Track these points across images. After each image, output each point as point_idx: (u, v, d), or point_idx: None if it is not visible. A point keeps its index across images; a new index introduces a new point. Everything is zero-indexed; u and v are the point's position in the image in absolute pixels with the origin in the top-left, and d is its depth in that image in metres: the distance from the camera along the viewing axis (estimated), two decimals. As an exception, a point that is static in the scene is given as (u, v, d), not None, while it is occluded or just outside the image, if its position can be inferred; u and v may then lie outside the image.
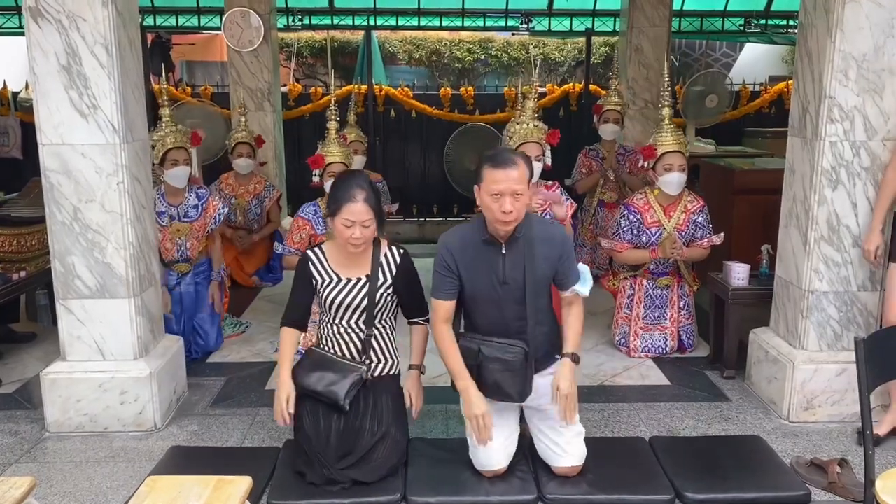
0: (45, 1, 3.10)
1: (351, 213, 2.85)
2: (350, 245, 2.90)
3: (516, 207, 2.65)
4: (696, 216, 4.25)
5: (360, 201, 2.86)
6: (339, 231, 2.90)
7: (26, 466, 3.13)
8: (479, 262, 2.79)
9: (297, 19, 8.25)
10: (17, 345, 4.49)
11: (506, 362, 2.78)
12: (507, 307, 2.82)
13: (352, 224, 2.86)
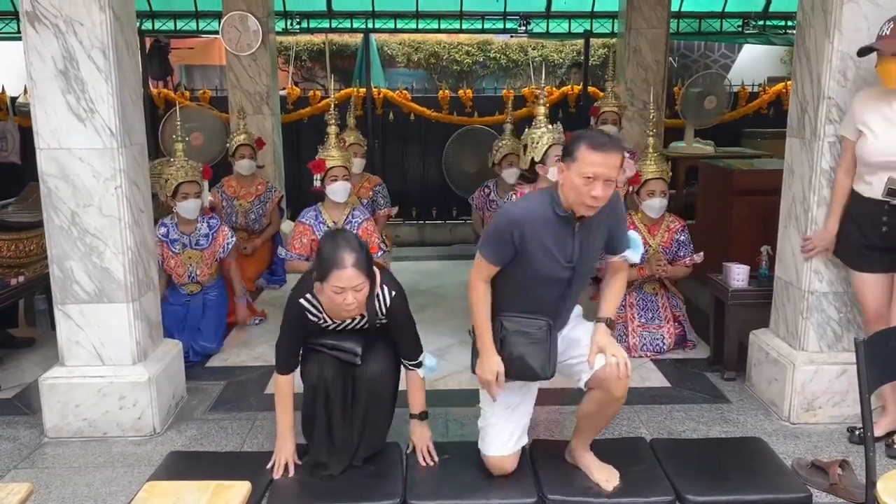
0: (43, 5, 3.10)
1: (340, 279, 2.69)
2: (344, 311, 2.78)
3: (606, 195, 2.55)
4: (679, 235, 4.48)
5: (349, 266, 2.68)
6: (329, 297, 2.75)
7: (25, 472, 3.12)
8: (547, 238, 2.64)
9: (295, 23, 8.25)
10: (15, 350, 4.48)
11: (529, 335, 2.72)
12: (557, 285, 2.72)
13: (342, 290, 2.71)
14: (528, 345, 2.72)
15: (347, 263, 2.68)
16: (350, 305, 2.74)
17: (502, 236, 2.65)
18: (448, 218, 8.16)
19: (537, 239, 2.63)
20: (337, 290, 2.71)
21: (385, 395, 3.07)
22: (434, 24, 8.53)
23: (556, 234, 2.64)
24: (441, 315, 5.16)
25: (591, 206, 2.56)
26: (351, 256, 2.70)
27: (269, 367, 4.18)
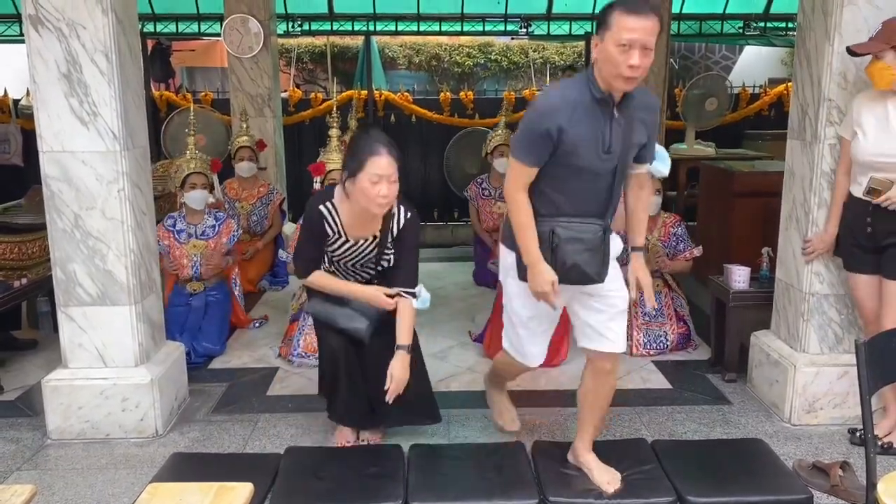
0: (45, 9, 3.11)
1: (377, 167, 2.73)
2: (376, 205, 2.79)
3: (644, 64, 2.34)
4: (675, 229, 4.52)
5: (386, 154, 2.74)
6: (364, 190, 2.76)
7: (28, 474, 3.13)
8: (585, 125, 2.44)
9: (296, 25, 8.26)
10: (18, 352, 4.48)
11: (584, 241, 2.54)
12: (600, 181, 2.54)
13: (379, 179, 2.74)
14: (584, 252, 2.55)
15: (384, 152, 2.75)
16: (384, 199, 2.78)
17: (538, 131, 2.44)
18: (449, 220, 8.16)
19: (575, 128, 2.42)
20: (374, 178, 2.75)
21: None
22: (435, 27, 8.54)
23: (594, 121, 2.45)
24: (442, 317, 5.17)
25: (630, 77, 2.35)
26: (386, 147, 2.77)
27: (272, 369, 4.22)
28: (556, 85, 2.59)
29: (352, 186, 2.82)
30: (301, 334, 4.31)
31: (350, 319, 3.02)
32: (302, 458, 3.15)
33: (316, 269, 3.06)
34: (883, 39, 2.98)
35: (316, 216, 2.95)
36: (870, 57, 3.05)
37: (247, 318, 5.02)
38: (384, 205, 2.81)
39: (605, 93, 2.44)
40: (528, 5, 8.50)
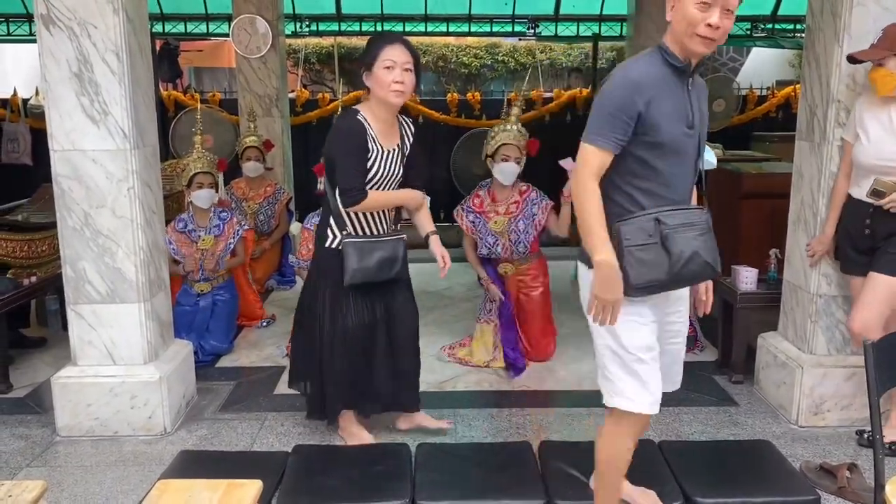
0: (57, 8, 3.13)
1: (391, 53, 2.84)
2: (393, 92, 2.86)
3: (725, 26, 2.13)
4: None
5: (399, 44, 2.85)
6: (379, 78, 2.87)
7: (37, 470, 3.15)
8: (668, 99, 2.20)
9: (304, 25, 8.29)
10: (27, 350, 4.51)
11: (696, 225, 2.23)
12: (686, 162, 2.28)
13: (393, 65, 2.84)
14: (698, 237, 2.22)
15: (397, 40, 2.87)
16: (399, 86, 2.86)
17: (622, 110, 2.15)
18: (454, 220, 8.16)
19: (659, 103, 2.18)
20: (389, 63, 2.85)
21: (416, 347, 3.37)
22: (442, 27, 8.56)
23: (675, 94, 2.23)
24: (448, 317, 5.18)
25: (708, 37, 2.14)
26: (400, 39, 2.89)
27: (279, 368, 4.24)
28: (625, 64, 2.28)
29: (369, 80, 2.93)
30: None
31: (391, 267, 3.14)
32: (309, 456, 3.17)
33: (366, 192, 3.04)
34: (885, 46, 2.99)
35: (357, 128, 2.97)
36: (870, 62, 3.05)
37: (262, 312, 5.08)
38: (399, 92, 2.89)
39: (684, 61, 2.22)
40: (536, 6, 8.51)
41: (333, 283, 3.12)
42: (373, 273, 3.08)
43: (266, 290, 5.85)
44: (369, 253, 3.07)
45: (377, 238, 3.12)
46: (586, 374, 4.16)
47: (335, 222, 3.12)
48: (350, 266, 3.04)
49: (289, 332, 4.58)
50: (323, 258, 3.17)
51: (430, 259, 6.00)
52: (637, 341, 2.28)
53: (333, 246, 3.12)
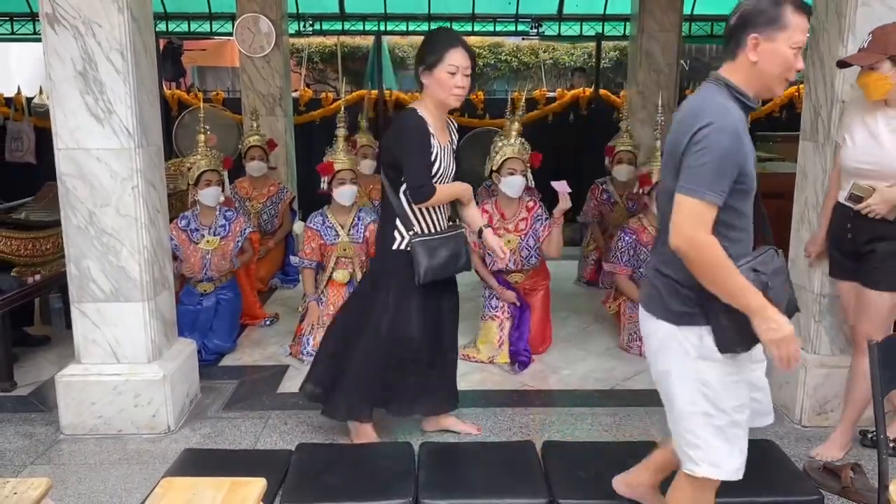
0: (62, 7, 3.14)
1: (455, 58, 2.88)
2: (453, 96, 2.92)
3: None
4: None
5: (462, 47, 2.88)
6: (441, 81, 2.91)
7: (42, 468, 3.16)
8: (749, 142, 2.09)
9: (307, 25, 8.30)
10: (31, 348, 4.52)
11: (781, 270, 2.15)
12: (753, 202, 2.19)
13: (456, 70, 2.87)
14: (786, 281, 2.17)
15: (460, 43, 2.89)
16: (459, 90, 2.91)
17: (729, 160, 2.00)
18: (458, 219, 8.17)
19: (748, 146, 2.08)
20: (452, 69, 2.88)
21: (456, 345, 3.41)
22: (446, 26, 8.56)
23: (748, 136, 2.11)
24: (452, 316, 5.18)
25: (790, 80, 2.12)
26: (461, 42, 2.91)
27: (282, 367, 4.24)
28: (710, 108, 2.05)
29: (429, 79, 2.95)
30: (311, 333, 4.32)
31: (456, 262, 3.16)
32: (313, 455, 3.17)
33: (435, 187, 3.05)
34: (878, 50, 2.89)
35: (422, 126, 2.99)
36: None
37: (262, 313, 5.07)
38: (459, 96, 2.94)
39: (756, 101, 2.16)
40: (539, 6, 8.51)
41: (400, 284, 3.10)
42: (442, 270, 3.09)
43: (269, 288, 5.85)
44: (437, 250, 3.07)
45: (440, 234, 3.13)
46: (588, 373, 4.17)
47: (402, 223, 3.09)
48: (422, 265, 3.03)
49: (292, 331, 4.60)
50: (391, 260, 3.13)
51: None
52: (734, 401, 2.15)
53: (403, 247, 3.09)
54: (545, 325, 4.55)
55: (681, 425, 2.19)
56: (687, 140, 2.01)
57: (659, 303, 2.16)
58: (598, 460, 3.13)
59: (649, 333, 2.23)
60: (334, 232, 4.45)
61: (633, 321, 4.44)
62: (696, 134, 1.99)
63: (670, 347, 2.14)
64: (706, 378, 2.11)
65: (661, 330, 2.16)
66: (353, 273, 4.52)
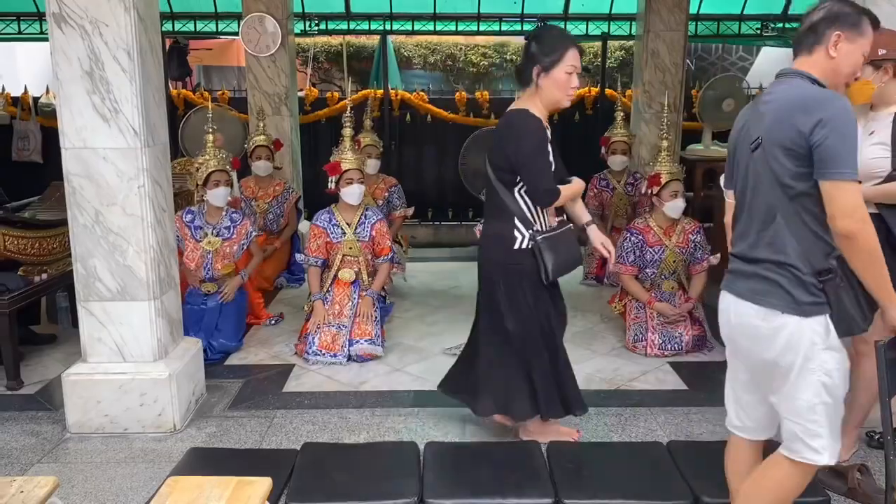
0: (69, 7, 3.15)
1: (574, 59, 2.89)
2: (567, 96, 2.93)
3: None
4: (694, 235, 4.52)
5: (577, 48, 2.90)
6: (558, 81, 2.90)
7: (48, 467, 3.17)
8: None
9: (313, 24, 8.29)
10: (37, 346, 4.54)
11: None
12: None
13: (573, 71, 2.88)
14: None
15: (575, 43, 2.91)
16: (573, 90, 2.93)
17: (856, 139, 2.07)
18: (464, 219, 8.17)
19: None
20: (570, 69, 2.89)
21: None
22: (451, 26, 8.54)
23: None
24: (457, 315, 5.17)
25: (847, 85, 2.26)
26: (575, 40, 2.92)
27: (288, 366, 4.25)
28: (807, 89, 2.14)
29: (546, 80, 2.94)
30: (317, 332, 4.33)
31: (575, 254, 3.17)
32: (318, 455, 3.18)
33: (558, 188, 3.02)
34: None
35: (539, 127, 2.98)
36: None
37: (265, 313, 5.06)
38: (572, 97, 2.96)
39: None
40: (545, 5, 8.50)
41: (532, 284, 3.08)
42: (565, 266, 3.09)
43: (275, 288, 5.86)
44: (558, 245, 3.07)
45: (557, 230, 3.12)
46: (594, 373, 4.16)
47: (521, 222, 3.04)
48: (550, 261, 3.02)
49: (298, 330, 4.60)
50: (515, 261, 3.07)
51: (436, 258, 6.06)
52: (845, 389, 2.21)
53: (525, 246, 3.05)
54: None
55: (803, 417, 2.17)
56: (811, 128, 2.01)
57: (783, 296, 2.12)
58: (603, 460, 3.13)
59: (772, 331, 2.15)
60: (340, 230, 4.46)
61: (639, 321, 4.45)
62: (821, 121, 2.00)
63: (801, 342, 2.11)
64: (829, 368, 2.12)
65: (790, 324, 2.11)
66: (359, 272, 4.53)
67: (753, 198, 2.20)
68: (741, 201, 2.27)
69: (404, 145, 8.15)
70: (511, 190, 3.04)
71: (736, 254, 2.30)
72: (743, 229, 2.26)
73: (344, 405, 3.75)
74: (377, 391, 3.93)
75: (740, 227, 2.28)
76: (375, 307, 4.48)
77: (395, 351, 4.50)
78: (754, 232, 2.19)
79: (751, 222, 2.21)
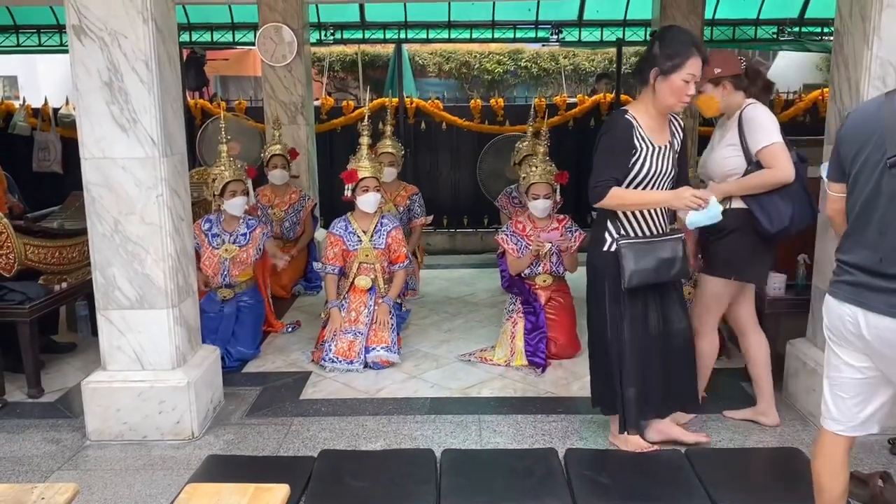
0: (89, 19, 3.19)
1: (696, 67, 2.84)
2: (681, 103, 2.89)
3: None
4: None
5: (700, 55, 2.85)
6: (676, 88, 2.85)
7: (68, 474, 3.20)
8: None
9: (329, 34, 8.36)
10: (57, 355, 4.58)
11: None
12: None
13: (691, 79, 2.84)
14: None
15: (699, 51, 2.86)
16: (689, 99, 2.91)
17: None
18: (479, 226, 8.18)
19: None
20: (689, 77, 2.83)
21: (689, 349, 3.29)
22: (466, 34, 8.59)
23: None
24: (472, 323, 5.18)
25: None
26: (699, 47, 2.86)
27: (304, 373, 4.26)
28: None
29: (662, 83, 2.88)
30: (333, 339, 4.34)
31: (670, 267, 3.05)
32: (335, 462, 3.18)
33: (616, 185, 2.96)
34: (704, 76, 3.07)
35: (622, 125, 2.95)
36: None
37: (278, 323, 5.08)
38: (687, 104, 2.94)
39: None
40: (560, 12, 8.50)
41: (613, 286, 3.06)
42: (651, 275, 3.01)
43: (292, 295, 5.89)
44: (647, 254, 3.01)
45: (654, 238, 3.06)
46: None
47: (611, 225, 3.06)
48: (628, 268, 2.97)
49: (314, 337, 4.62)
50: (599, 262, 3.10)
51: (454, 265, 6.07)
52: None
53: (611, 249, 3.04)
54: (574, 329, 4.57)
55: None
56: None
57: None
58: (621, 468, 3.11)
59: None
60: (357, 238, 4.48)
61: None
62: None
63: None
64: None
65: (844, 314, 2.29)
66: (376, 279, 4.54)
67: (888, 213, 2.17)
68: (865, 212, 2.24)
69: (419, 153, 8.17)
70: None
71: (857, 265, 2.27)
72: (871, 242, 2.22)
73: (361, 412, 3.76)
74: (394, 398, 3.93)
75: (864, 238, 2.24)
76: (392, 314, 4.49)
77: (411, 358, 4.50)
78: (890, 248, 2.16)
79: (882, 238, 2.18)
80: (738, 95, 3.29)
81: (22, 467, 3.26)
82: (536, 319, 4.40)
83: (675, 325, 3.20)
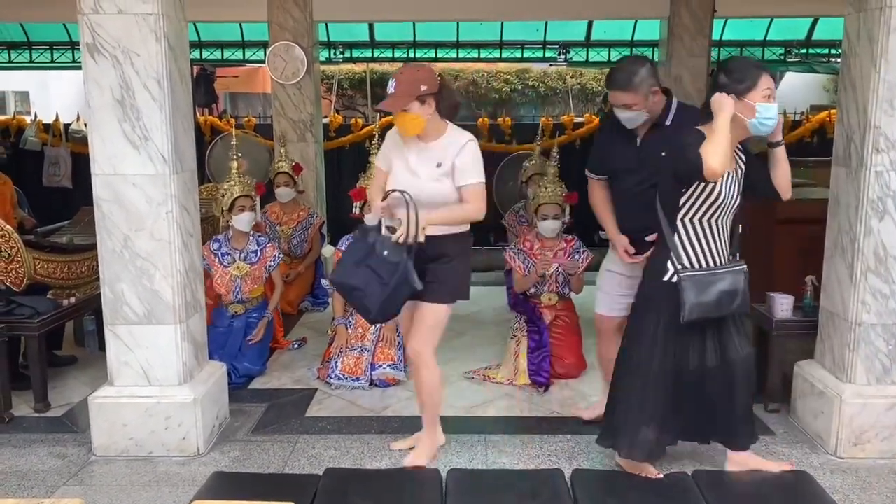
0: (102, 37, 3.22)
1: (770, 82, 2.82)
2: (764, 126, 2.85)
3: None
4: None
5: (769, 73, 2.87)
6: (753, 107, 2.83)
7: (73, 489, 3.19)
8: None
9: (338, 52, 8.43)
10: (60, 368, 4.58)
11: None
12: None
13: (770, 93, 2.82)
14: None
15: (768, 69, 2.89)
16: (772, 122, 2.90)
17: None
18: (485, 244, 8.17)
19: None
20: (767, 92, 2.83)
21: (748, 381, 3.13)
22: (474, 53, 8.64)
23: None
24: (478, 340, 5.17)
25: None
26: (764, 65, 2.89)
27: (310, 391, 4.26)
28: None
29: (740, 105, 2.85)
30: (339, 356, 4.34)
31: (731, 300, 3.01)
32: (341, 480, 3.16)
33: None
34: (406, 93, 3.09)
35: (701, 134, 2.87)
36: None
37: (283, 340, 5.08)
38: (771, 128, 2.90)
39: None
40: (567, 32, 8.56)
41: (669, 317, 2.99)
42: (712, 308, 2.94)
43: (299, 312, 5.90)
44: (709, 286, 2.95)
45: (717, 270, 3.00)
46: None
47: (674, 254, 2.99)
48: (688, 301, 2.90)
49: (320, 354, 4.62)
50: (656, 293, 3.04)
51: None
52: None
53: (672, 280, 2.98)
54: (580, 348, 4.57)
55: None
56: None
57: None
58: (628, 489, 3.09)
59: None
60: None
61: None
62: None
63: None
64: None
65: None
66: (382, 297, 4.54)
67: None
68: None
69: (427, 171, 8.19)
70: (673, 219, 3.00)
71: None
72: None
73: (366, 430, 3.75)
74: (399, 416, 3.92)
75: None
76: (398, 331, 4.49)
77: (417, 376, 4.49)
78: None
79: None
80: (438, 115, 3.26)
81: (28, 482, 3.26)
82: (540, 338, 4.40)
83: (733, 353, 3.08)
